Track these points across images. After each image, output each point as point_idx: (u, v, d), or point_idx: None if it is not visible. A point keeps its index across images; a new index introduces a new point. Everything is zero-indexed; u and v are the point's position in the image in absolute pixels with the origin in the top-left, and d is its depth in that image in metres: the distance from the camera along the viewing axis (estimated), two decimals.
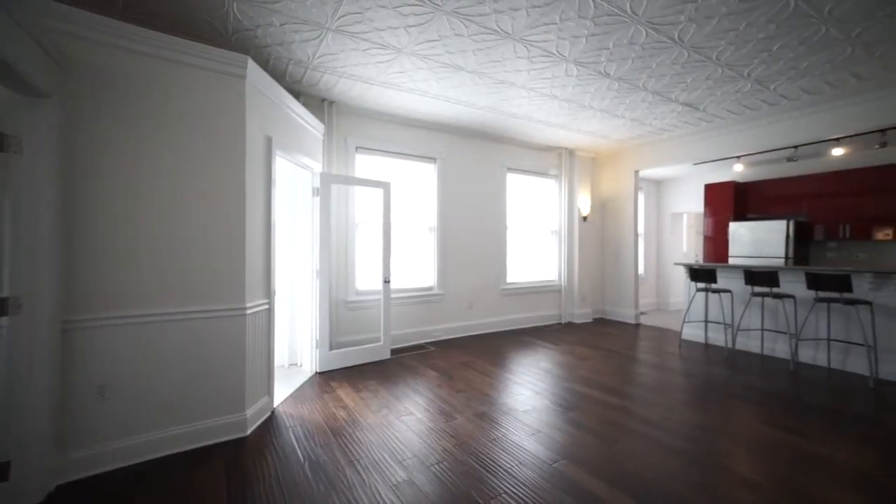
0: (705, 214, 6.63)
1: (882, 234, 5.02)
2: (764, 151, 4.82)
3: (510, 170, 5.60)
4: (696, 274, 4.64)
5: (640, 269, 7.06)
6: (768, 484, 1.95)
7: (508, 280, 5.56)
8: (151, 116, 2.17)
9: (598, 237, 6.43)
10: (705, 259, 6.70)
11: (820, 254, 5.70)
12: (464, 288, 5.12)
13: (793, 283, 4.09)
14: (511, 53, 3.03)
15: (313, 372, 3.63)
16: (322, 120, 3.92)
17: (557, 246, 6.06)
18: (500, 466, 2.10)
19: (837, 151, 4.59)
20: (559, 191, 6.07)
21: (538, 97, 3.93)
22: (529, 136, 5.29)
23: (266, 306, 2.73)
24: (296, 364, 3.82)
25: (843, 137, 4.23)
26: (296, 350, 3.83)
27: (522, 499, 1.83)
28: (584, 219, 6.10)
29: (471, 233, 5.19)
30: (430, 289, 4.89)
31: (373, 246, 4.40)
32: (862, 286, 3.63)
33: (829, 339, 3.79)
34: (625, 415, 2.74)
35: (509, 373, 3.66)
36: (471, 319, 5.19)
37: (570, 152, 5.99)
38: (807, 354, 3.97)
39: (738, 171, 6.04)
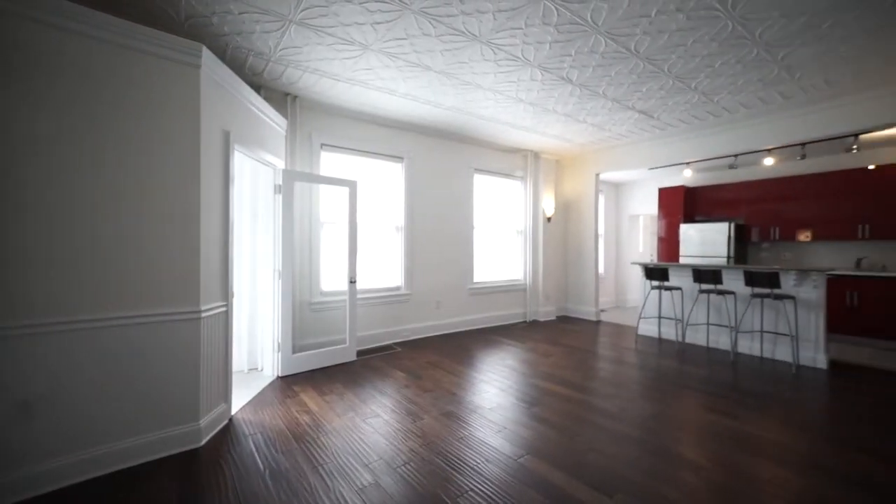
0: (659, 216, 7.04)
1: (803, 236, 5.56)
2: (709, 159, 5.19)
3: (477, 170, 5.67)
4: (650, 273, 4.93)
5: (601, 269, 7.39)
6: (709, 464, 2.11)
7: (475, 279, 5.63)
8: (88, 103, 1.99)
9: (562, 238, 6.66)
10: (659, 259, 7.12)
11: (755, 254, 6.23)
12: (431, 287, 5.13)
13: (733, 281, 4.45)
14: (478, 56, 3.07)
15: (275, 376, 3.49)
16: (285, 115, 3.78)
17: (523, 246, 6.21)
18: (466, 464, 2.13)
19: (768, 161, 5.04)
20: (525, 192, 6.22)
21: (504, 100, 4.00)
22: (496, 137, 5.38)
23: (223, 309, 2.60)
24: (256, 368, 3.66)
25: (772, 149, 4.65)
26: (256, 354, 3.67)
27: (488, 495, 1.86)
28: (549, 220, 6.29)
29: (438, 232, 5.20)
30: (398, 289, 4.85)
31: (338, 246, 4.30)
32: (788, 282, 4.01)
33: (761, 331, 4.16)
34: (585, 408, 2.86)
35: (476, 371, 3.71)
36: (438, 319, 5.20)
37: (535, 155, 6.15)
38: (744, 345, 4.33)
39: (687, 176, 6.46)
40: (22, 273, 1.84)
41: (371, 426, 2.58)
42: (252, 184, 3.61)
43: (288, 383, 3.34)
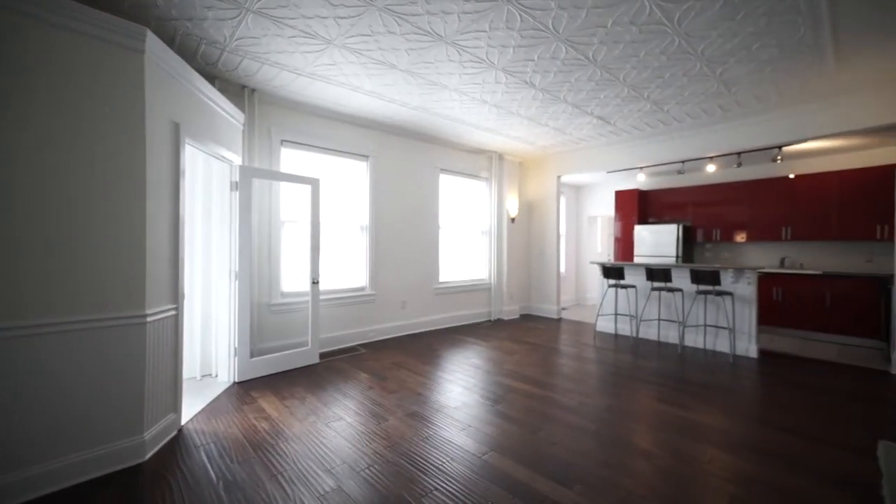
0: (616, 218, 7.41)
1: (740, 237, 6.08)
2: (660, 164, 5.53)
3: (443, 170, 5.69)
4: (607, 272, 5.17)
5: (562, 268, 7.65)
6: (660, 452, 2.25)
7: (441, 279, 5.65)
8: (12, 91, 1.79)
9: (525, 238, 6.83)
10: (616, 258, 7.49)
11: (700, 253, 6.72)
12: (396, 288, 5.08)
13: (681, 279, 4.77)
14: (443, 56, 3.08)
15: (231, 382, 3.32)
16: (242, 109, 3.60)
17: (488, 246, 6.31)
18: (431, 464, 2.13)
19: (710, 168, 5.46)
20: (489, 193, 6.32)
21: (469, 101, 4.05)
22: (461, 138, 5.43)
23: (173, 312, 2.43)
24: (210, 375, 3.45)
25: (713, 156, 5.04)
26: (211, 359, 3.46)
27: (453, 493, 1.88)
28: (512, 220, 6.44)
29: (403, 232, 5.17)
30: (362, 289, 4.77)
31: (300, 245, 4.16)
32: (727, 280, 4.37)
33: (705, 325, 4.50)
34: (547, 404, 2.95)
35: (442, 371, 3.72)
36: (404, 319, 5.17)
37: (500, 156, 6.27)
38: (690, 339, 4.66)
39: (641, 180, 6.86)
40: None
41: (334, 430, 2.51)
42: (206, 180, 3.40)
43: (245, 389, 3.19)
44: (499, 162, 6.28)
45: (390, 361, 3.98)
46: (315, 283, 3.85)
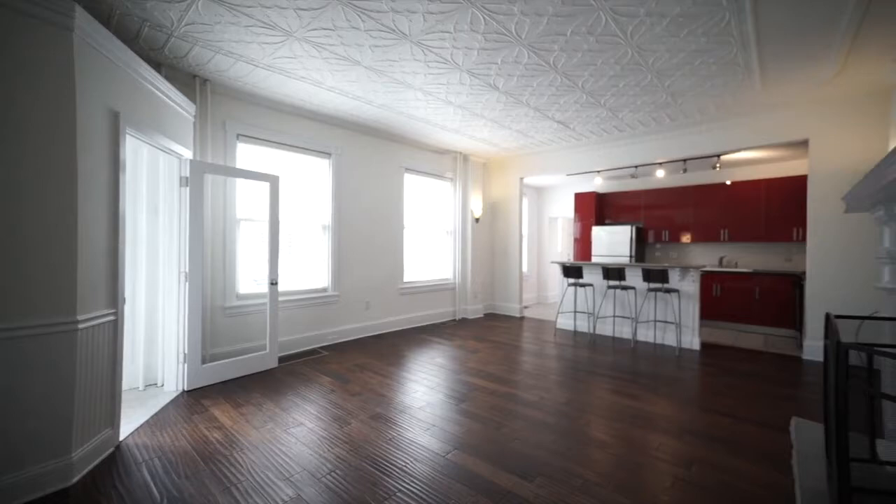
0: (575, 219, 7.72)
1: (685, 238, 6.56)
2: (615, 168, 5.84)
3: (408, 170, 5.66)
4: (567, 271, 5.38)
5: (525, 268, 7.87)
6: (613, 441, 2.38)
7: (406, 279, 5.62)
8: None
9: (489, 238, 6.95)
10: (575, 258, 7.81)
11: (651, 253, 7.18)
12: (360, 288, 4.99)
13: (634, 277, 5.07)
14: (408, 55, 3.06)
15: (179, 391, 3.11)
16: (193, 99, 3.38)
17: (452, 246, 6.36)
18: (395, 466, 2.11)
19: (660, 173, 5.84)
20: (454, 193, 6.37)
21: (434, 101, 4.05)
22: (427, 138, 5.42)
23: (111, 317, 2.24)
24: (155, 384, 3.21)
25: (662, 162, 5.40)
26: (156, 367, 3.22)
27: (416, 494, 1.88)
28: (477, 220, 6.53)
29: (368, 232, 5.09)
30: (324, 290, 4.64)
31: (259, 245, 3.98)
32: (674, 278, 4.70)
33: (655, 321, 4.81)
34: (509, 400, 3.03)
35: (406, 371, 3.70)
36: (368, 320, 5.09)
37: (465, 157, 6.34)
38: (642, 334, 4.96)
39: (598, 183, 7.19)
40: None
41: (294, 436, 2.43)
42: (151, 174, 3.16)
43: (196, 398, 3.00)
44: (464, 163, 6.34)
45: (353, 363, 3.90)
46: (274, 284, 3.69)
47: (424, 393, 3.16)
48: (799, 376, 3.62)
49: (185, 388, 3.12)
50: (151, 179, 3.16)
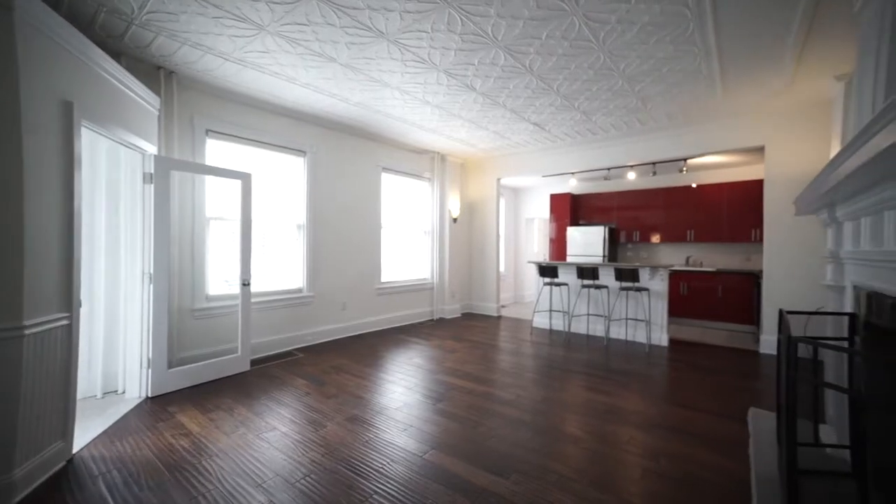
0: (550, 220, 7.88)
1: (655, 239, 6.83)
2: (589, 170, 6.00)
3: (385, 169, 5.61)
4: (543, 271, 5.49)
5: (502, 267, 7.96)
6: (586, 436, 2.45)
7: (383, 279, 5.57)
8: None
9: (467, 238, 6.99)
10: (551, 258, 7.97)
11: (623, 253, 7.42)
12: (336, 288, 4.91)
13: (607, 276, 5.22)
14: (385, 53, 3.04)
15: (142, 398, 2.96)
16: (157, 92, 3.22)
17: (430, 246, 6.35)
18: (371, 468, 2.10)
19: (631, 175, 6.05)
20: (432, 193, 6.36)
21: (412, 100, 4.04)
22: (404, 137, 5.40)
23: (64, 322, 2.10)
24: (116, 391, 3.05)
25: (633, 165, 5.60)
26: (117, 373, 3.05)
27: (393, 495, 1.87)
28: (454, 220, 6.55)
29: (344, 231, 5.01)
30: (299, 291, 4.54)
31: (230, 245, 3.85)
32: (644, 277, 4.88)
33: (626, 318, 4.97)
34: (486, 399, 3.06)
35: (383, 372, 3.67)
36: (344, 321, 5.02)
37: (442, 157, 6.35)
38: (615, 331, 5.12)
39: (573, 185, 7.38)
40: None
41: (266, 441, 2.36)
42: (111, 170, 2.99)
43: (161, 404, 2.87)
44: (441, 163, 6.35)
45: (329, 365, 3.84)
46: (246, 284, 3.58)
47: (402, 393, 3.14)
48: (756, 369, 3.84)
49: (149, 395, 2.98)
50: (111, 175, 2.99)
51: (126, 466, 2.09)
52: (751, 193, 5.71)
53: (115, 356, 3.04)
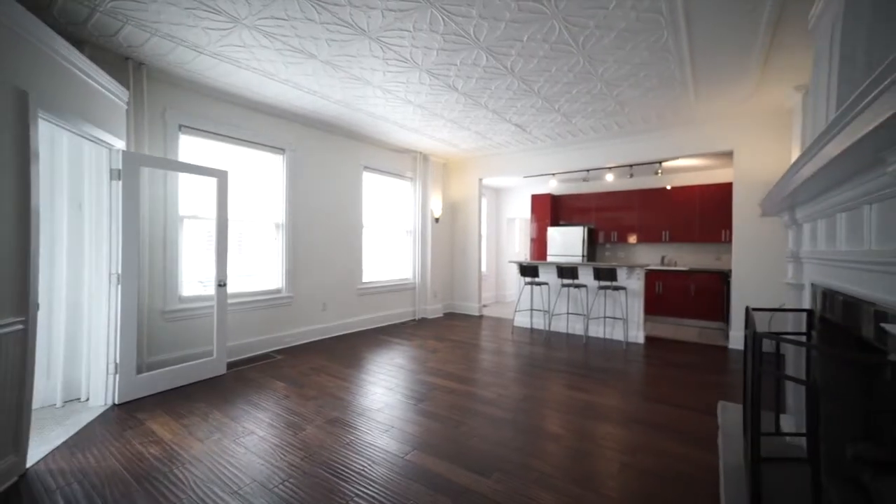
0: (531, 220, 7.98)
1: (632, 239, 7.03)
2: (569, 171, 6.11)
3: (367, 168, 5.56)
4: (524, 270, 5.55)
5: (483, 267, 8.00)
6: (567, 434, 2.50)
7: (364, 279, 5.51)
8: None
9: (449, 238, 7.00)
10: (531, 258, 8.07)
11: (601, 253, 7.60)
12: (316, 289, 4.83)
13: (586, 276, 5.33)
14: (367, 51, 3.00)
15: (109, 405, 2.83)
16: (126, 84, 3.07)
17: (412, 245, 6.33)
18: (352, 470, 2.07)
19: (609, 177, 6.20)
20: (414, 193, 6.34)
21: (394, 99, 4.01)
22: (386, 136, 5.35)
23: (18, 326, 1.98)
24: (78, 399, 2.89)
25: (611, 167, 5.74)
26: (79, 380, 2.90)
27: (374, 497, 1.85)
28: (437, 220, 6.55)
29: (324, 231, 4.93)
30: (278, 291, 4.44)
31: (206, 244, 3.72)
32: (622, 276, 5.01)
33: (604, 317, 5.10)
34: (468, 398, 3.07)
35: (364, 373, 3.64)
36: (325, 322, 4.94)
37: (424, 157, 6.33)
38: (593, 329, 5.23)
39: (553, 186, 7.49)
40: None
41: (243, 446, 2.30)
42: (74, 166, 2.84)
43: (129, 411, 2.74)
44: (423, 162, 6.34)
45: (309, 367, 3.77)
46: (222, 285, 3.47)
47: (383, 394, 3.12)
48: (726, 364, 4.01)
49: (116, 402, 2.84)
50: (74, 171, 2.84)
51: (88, 478, 1.98)
52: (721, 196, 5.94)
53: (77, 362, 2.89)
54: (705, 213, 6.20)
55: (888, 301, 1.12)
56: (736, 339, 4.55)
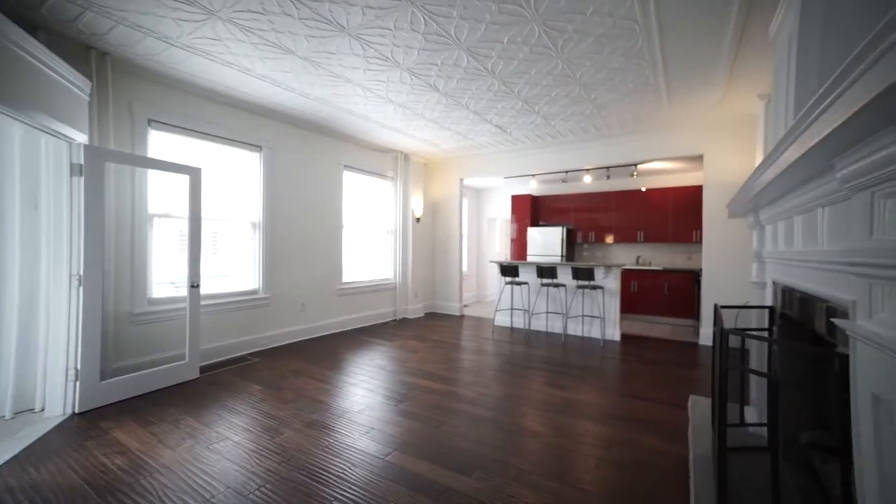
0: (512, 220, 8.07)
1: (609, 239, 7.22)
2: (548, 173, 6.21)
3: (347, 167, 5.48)
4: (504, 270, 5.61)
5: (464, 267, 8.04)
6: (546, 431, 2.54)
7: (345, 279, 5.44)
8: None
9: (430, 237, 6.99)
10: (512, 257, 8.16)
11: (580, 253, 7.77)
12: (295, 289, 4.73)
13: (565, 275, 5.44)
14: (347, 49, 2.96)
15: (68, 414, 2.67)
16: (88, 75, 2.91)
17: (393, 245, 6.29)
18: (331, 474, 2.04)
19: (587, 179, 6.35)
20: (395, 192, 6.30)
21: (375, 98, 3.97)
22: (367, 135, 5.30)
23: None
24: (32, 409, 2.71)
25: (589, 169, 5.88)
26: (32, 389, 2.71)
27: (353, 500, 1.83)
28: (418, 220, 6.53)
29: (303, 230, 4.83)
30: (255, 292, 4.32)
31: (178, 244, 3.58)
32: (599, 275, 5.13)
33: (583, 315, 5.21)
34: (449, 398, 3.08)
35: (344, 374, 3.59)
36: (303, 323, 4.84)
37: (406, 156, 6.30)
38: (572, 328, 5.34)
39: (533, 186, 7.60)
40: None
41: (217, 452, 2.23)
42: (28, 161, 2.68)
43: (91, 420, 2.61)
44: (405, 162, 6.31)
45: (287, 369, 3.68)
46: (195, 286, 3.35)
47: (363, 396, 3.09)
48: (696, 360, 4.17)
49: (77, 411, 2.69)
50: (28, 166, 2.67)
51: (41, 494, 1.86)
52: (692, 198, 6.18)
53: (30, 370, 2.70)
54: (678, 214, 6.43)
55: (837, 297, 1.20)
56: (706, 335, 4.74)
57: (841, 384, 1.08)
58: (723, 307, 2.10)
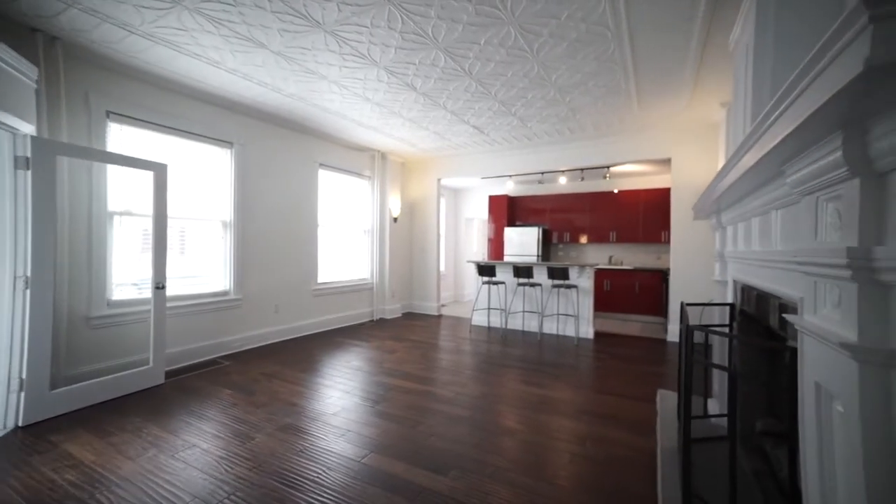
0: (489, 221, 8.15)
1: (583, 239, 7.41)
2: (525, 174, 6.31)
3: (323, 166, 5.37)
4: (482, 270, 5.65)
5: (442, 267, 8.04)
6: (522, 428, 2.58)
7: (320, 280, 5.33)
8: None
9: (407, 237, 6.95)
10: (489, 257, 8.24)
11: (555, 253, 7.93)
12: (268, 290, 4.59)
13: (541, 275, 5.54)
14: (322, 44, 2.90)
15: (10, 428, 2.46)
16: (35, 61, 2.68)
17: (370, 245, 6.22)
18: (305, 478, 1.99)
19: (562, 180, 6.49)
20: (372, 192, 6.23)
21: (351, 96, 3.91)
22: (344, 133, 5.21)
23: None
24: None
25: (564, 170, 6.01)
26: None
27: None
28: (395, 220, 6.48)
29: (277, 229, 4.70)
30: (225, 293, 4.16)
31: (142, 243, 3.41)
32: (574, 275, 5.26)
33: (558, 314, 5.32)
34: (426, 398, 3.07)
35: (319, 377, 3.51)
36: (277, 325, 4.71)
37: (383, 155, 6.24)
38: (547, 326, 5.45)
39: (510, 187, 7.69)
40: None
41: (183, 461, 2.13)
42: None
43: (38, 434, 2.42)
44: (382, 161, 6.24)
45: (259, 372, 3.57)
46: (160, 287, 3.19)
47: (339, 398, 3.03)
48: (664, 356, 4.35)
49: (20, 424, 2.48)
50: None
51: None
52: (661, 200, 6.43)
53: None
54: (648, 215, 6.67)
55: (788, 294, 1.28)
56: (673, 332, 4.94)
57: (791, 375, 1.15)
58: (688, 305, 2.19)
